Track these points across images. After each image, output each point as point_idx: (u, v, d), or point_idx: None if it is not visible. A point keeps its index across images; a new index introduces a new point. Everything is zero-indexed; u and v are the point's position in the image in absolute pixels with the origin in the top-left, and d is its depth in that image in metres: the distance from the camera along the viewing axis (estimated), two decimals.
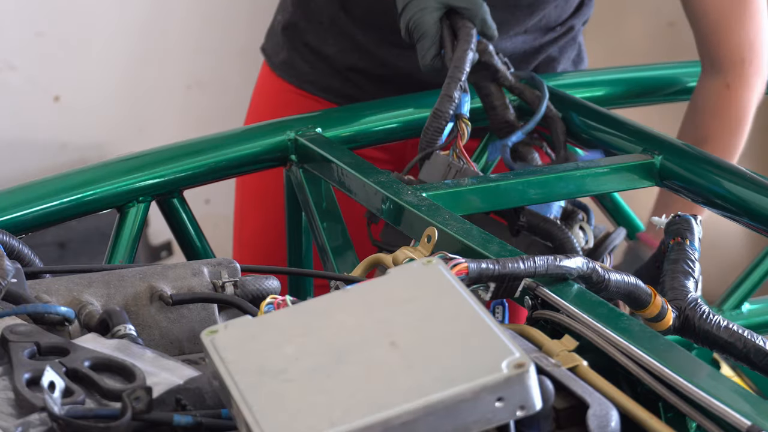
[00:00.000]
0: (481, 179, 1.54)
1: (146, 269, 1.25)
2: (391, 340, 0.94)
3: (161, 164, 1.65)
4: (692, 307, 1.28)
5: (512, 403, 0.89)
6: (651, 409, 1.02)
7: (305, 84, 1.93)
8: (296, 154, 1.69)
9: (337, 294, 1.02)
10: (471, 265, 1.14)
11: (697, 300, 1.29)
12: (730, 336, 1.27)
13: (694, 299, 1.29)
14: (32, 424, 0.96)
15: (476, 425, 0.88)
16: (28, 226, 1.55)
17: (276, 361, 0.94)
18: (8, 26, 3.42)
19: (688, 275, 1.34)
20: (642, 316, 1.26)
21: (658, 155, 1.56)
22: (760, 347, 1.27)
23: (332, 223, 1.60)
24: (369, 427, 0.87)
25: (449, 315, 0.96)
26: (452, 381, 0.88)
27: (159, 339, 1.21)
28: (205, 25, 3.66)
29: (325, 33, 1.90)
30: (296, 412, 0.89)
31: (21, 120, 3.49)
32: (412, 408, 0.87)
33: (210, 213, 3.63)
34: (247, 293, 1.26)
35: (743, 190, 1.48)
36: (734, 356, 1.28)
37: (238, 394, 0.92)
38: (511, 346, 0.91)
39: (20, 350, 1.05)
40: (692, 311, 1.28)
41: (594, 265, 1.20)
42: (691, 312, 1.28)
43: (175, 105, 3.67)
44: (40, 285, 1.21)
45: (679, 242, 1.38)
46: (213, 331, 0.98)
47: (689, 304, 1.28)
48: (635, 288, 1.23)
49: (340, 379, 0.91)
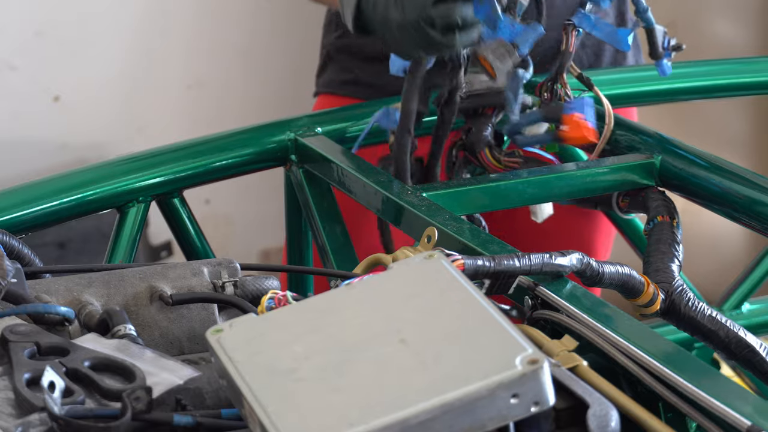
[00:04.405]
0: (481, 179, 1.54)
1: (146, 269, 1.25)
2: (400, 337, 0.94)
3: (161, 164, 1.65)
4: (679, 293, 1.32)
5: (527, 399, 0.89)
6: (651, 409, 1.02)
7: (374, 95, 1.91)
8: (296, 154, 1.69)
9: (341, 290, 1.02)
10: (467, 261, 1.14)
11: (683, 286, 1.33)
12: (713, 325, 1.31)
13: (680, 285, 1.33)
14: (32, 424, 0.96)
15: (492, 422, 0.89)
16: (28, 226, 1.55)
17: (285, 360, 0.94)
18: (8, 26, 3.42)
19: (674, 258, 1.39)
20: (633, 302, 1.29)
21: (658, 155, 1.56)
22: (741, 338, 1.31)
23: (332, 223, 1.60)
24: (387, 427, 0.86)
25: (456, 310, 0.97)
26: (467, 379, 0.89)
27: (159, 339, 1.21)
28: (205, 25, 3.66)
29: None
30: (312, 413, 0.89)
31: (21, 120, 3.49)
32: (429, 407, 0.87)
33: (210, 213, 3.64)
34: (247, 293, 1.27)
35: (743, 190, 1.48)
36: (715, 345, 1.32)
37: (251, 394, 0.91)
38: (522, 341, 0.91)
39: (20, 350, 1.05)
40: (678, 296, 1.32)
41: (588, 260, 1.21)
42: (678, 297, 1.32)
43: (175, 105, 3.67)
44: (40, 285, 1.21)
45: (667, 221, 1.43)
46: (218, 330, 0.98)
47: (676, 289, 1.33)
48: (629, 278, 1.26)
49: (353, 378, 0.91)
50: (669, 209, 1.48)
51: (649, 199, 1.52)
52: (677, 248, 1.41)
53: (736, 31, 3.47)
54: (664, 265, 1.37)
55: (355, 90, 1.95)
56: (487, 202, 1.51)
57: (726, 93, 1.96)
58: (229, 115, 3.62)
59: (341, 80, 1.97)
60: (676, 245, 1.41)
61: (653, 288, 1.30)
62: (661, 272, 1.36)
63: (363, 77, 1.94)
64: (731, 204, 1.49)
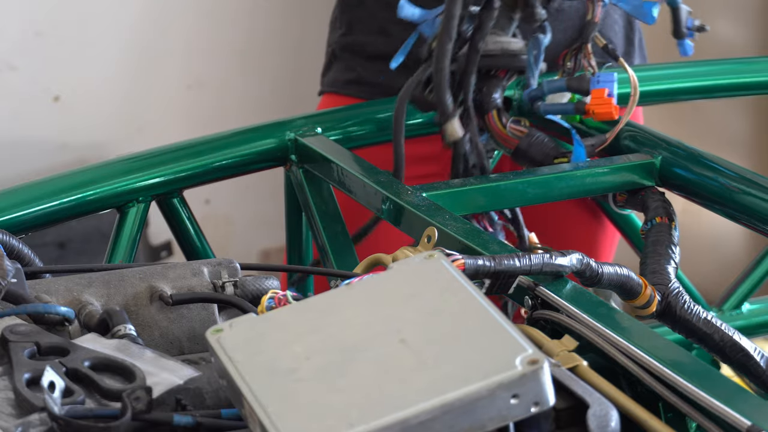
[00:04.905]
0: (481, 179, 1.54)
1: (146, 269, 1.25)
2: (400, 337, 0.94)
3: (161, 164, 1.65)
4: (675, 295, 1.33)
5: (527, 399, 0.89)
6: (651, 409, 1.02)
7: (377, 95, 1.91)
8: (296, 154, 1.69)
9: (340, 290, 1.02)
10: (467, 261, 1.14)
11: (679, 288, 1.34)
12: (708, 328, 1.32)
13: (676, 287, 1.34)
14: (32, 424, 0.96)
15: (492, 422, 0.89)
16: (28, 226, 1.55)
17: (286, 360, 0.94)
18: (8, 26, 3.42)
19: (670, 260, 1.40)
20: (630, 303, 1.29)
21: (658, 155, 1.56)
22: (736, 342, 1.32)
23: (332, 223, 1.60)
24: (387, 427, 0.87)
25: (456, 310, 0.97)
26: (467, 379, 0.89)
27: (159, 339, 1.21)
28: (205, 25, 3.66)
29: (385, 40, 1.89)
30: (312, 413, 0.89)
31: (21, 120, 3.50)
32: (429, 407, 0.87)
33: (210, 213, 3.64)
34: (247, 293, 1.27)
35: (743, 189, 1.48)
36: (710, 348, 1.33)
37: (251, 395, 0.91)
38: (522, 341, 0.91)
39: (20, 350, 1.05)
40: (675, 299, 1.33)
41: (588, 260, 1.22)
42: (674, 299, 1.33)
43: (175, 105, 3.67)
44: (40, 285, 1.21)
45: (665, 223, 1.44)
46: (218, 330, 0.98)
47: (672, 291, 1.33)
48: (627, 279, 1.27)
49: (353, 379, 0.91)
50: (668, 211, 1.48)
51: (649, 199, 1.52)
52: (674, 250, 1.41)
53: (736, 31, 3.47)
54: (660, 267, 1.37)
55: (358, 89, 1.94)
56: (487, 202, 1.52)
57: (726, 93, 1.96)
58: (229, 115, 3.63)
59: (345, 80, 1.97)
60: (673, 247, 1.42)
61: (651, 290, 1.30)
62: (658, 274, 1.36)
63: (366, 76, 1.94)
64: (731, 204, 1.49)
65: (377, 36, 1.90)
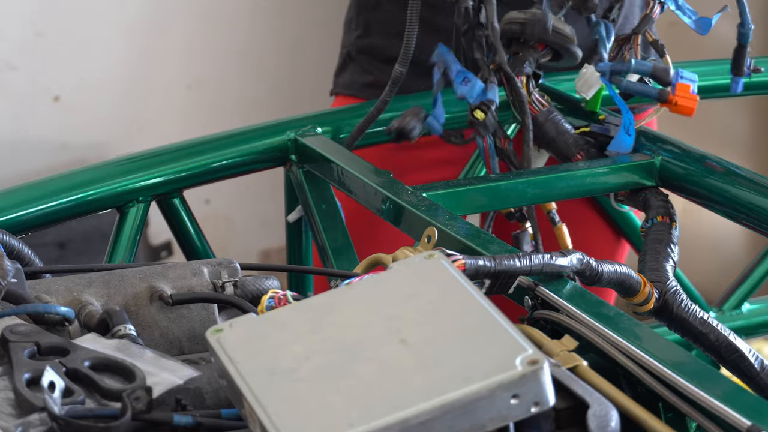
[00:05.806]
0: (481, 179, 1.54)
1: (146, 269, 1.25)
2: (400, 337, 0.94)
3: (161, 164, 1.65)
4: (672, 293, 1.34)
5: (527, 399, 0.89)
6: (651, 409, 1.02)
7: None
8: (296, 154, 1.69)
9: (340, 290, 1.02)
10: (467, 261, 1.14)
11: (677, 287, 1.35)
12: (704, 327, 1.33)
13: (674, 286, 1.35)
14: (32, 424, 0.96)
15: (492, 422, 0.89)
16: (28, 226, 1.55)
17: (286, 360, 0.94)
18: (8, 26, 3.43)
19: (669, 258, 1.40)
20: (628, 300, 1.30)
21: (658, 155, 1.56)
22: (731, 342, 1.33)
23: (332, 223, 1.59)
24: (387, 427, 0.86)
25: (456, 310, 0.97)
26: (467, 379, 0.89)
27: (159, 339, 1.21)
28: (205, 25, 3.66)
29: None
30: (312, 413, 0.89)
31: (21, 120, 3.50)
32: (429, 407, 0.87)
33: (210, 213, 3.64)
34: (247, 293, 1.27)
35: (743, 189, 1.48)
36: (705, 348, 1.34)
37: (252, 395, 0.91)
38: (522, 342, 0.91)
39: (20, 350, 1.05)
40: (672, 297, 1.33)
41: (588, 259, 1.22)
42: (671, 298, 1.33)
43: (175, 105, 3.68)
44: (40, 285, 1.21)
45: (666, 222, 1.44)
46: (218, 330, 0.98)
47: (669, 289, 1.34)
48: (627, 277, 1.28)
49: (354, 379, 0.91)
50: (669, 211, 1.49)
51: (651, 198, 1.52)
52: (673, 249, 1.42)
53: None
54: (659, 265, 1.38)
55: (375, 93, 1.94)
56: (487, 202, 1.51)
57: (726, 93, 1.96)
58: (229, 115, 3.63)
59: (362, 83, 1.96)
60: (673, 246, 1.42)
61: (649, 287, 1.31)
62: (656, 272, 1.37)
63: (383, 79, 1.93)
64: (731, 204, 1.49)
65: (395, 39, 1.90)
